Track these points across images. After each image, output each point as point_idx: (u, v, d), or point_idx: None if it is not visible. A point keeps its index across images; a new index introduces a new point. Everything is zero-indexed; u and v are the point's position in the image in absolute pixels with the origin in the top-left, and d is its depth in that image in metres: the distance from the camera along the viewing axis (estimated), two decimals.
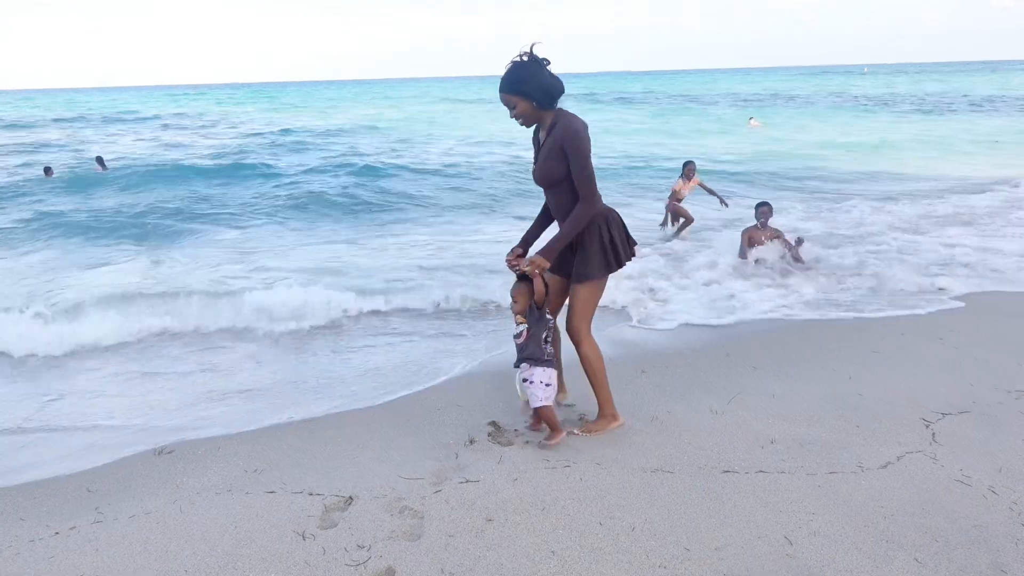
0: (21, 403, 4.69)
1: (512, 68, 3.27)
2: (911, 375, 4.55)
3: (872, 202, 11.72)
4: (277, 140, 27.01)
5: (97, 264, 8.96)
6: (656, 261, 7.87)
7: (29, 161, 21.39)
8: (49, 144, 27.63)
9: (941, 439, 3.66)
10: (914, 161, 17.46)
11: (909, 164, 16.91)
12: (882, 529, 2.91)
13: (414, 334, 5.85)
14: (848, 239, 8.92)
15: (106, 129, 36.37)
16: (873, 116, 32.87)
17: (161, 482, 3.53)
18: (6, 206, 13.49)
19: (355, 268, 8.26)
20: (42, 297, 7.18)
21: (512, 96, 3.29)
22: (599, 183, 3.44)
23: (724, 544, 2.84)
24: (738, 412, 4.06)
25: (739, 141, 23.09)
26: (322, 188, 14.55)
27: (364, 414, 4.24)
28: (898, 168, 16.31)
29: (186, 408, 4.50)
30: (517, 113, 3.33)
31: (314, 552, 2.86)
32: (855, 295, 6.51)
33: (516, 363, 3.61)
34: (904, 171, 15.87)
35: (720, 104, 45.88)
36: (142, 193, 14.78)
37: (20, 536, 3.09)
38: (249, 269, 8.41)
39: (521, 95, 3.27)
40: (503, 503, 3.16)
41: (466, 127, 32.05)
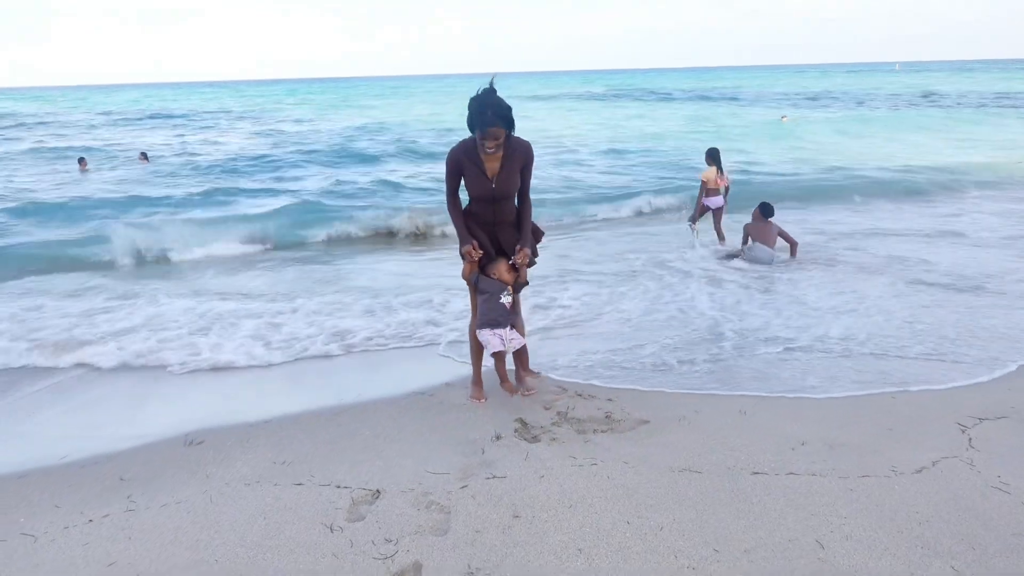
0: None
1: (501, 103, 3.62)
2: (945, 378, 4.45)
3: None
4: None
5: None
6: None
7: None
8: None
9: (978, 444, 3.58)
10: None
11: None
12: (917, 535, 2.85)
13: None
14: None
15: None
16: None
17: (191, 472, 3.57)
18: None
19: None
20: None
21: (502, 129, 3.65)
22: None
23: (754, 546, 2.80)
24: (767, 413, 4.00)
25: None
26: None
27: (390, 408, 4.25)
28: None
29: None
30: (499, 143, 3.69)
31: (342, 545, 2.87)
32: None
33: (504, 324, 4.07)
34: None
35: (793, 102, 41.54)
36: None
37: (55, 522, 3.15)
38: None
39: (508, 126, 3.68)
40: (530, 500, 3.15)
41: (588, 126, 29.05)
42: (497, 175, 3.81)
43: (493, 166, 3.80)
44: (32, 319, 6.28)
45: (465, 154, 3.80)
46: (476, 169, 3.81)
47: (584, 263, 8.09)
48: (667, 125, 28.42)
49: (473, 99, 3.65)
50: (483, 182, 3.82)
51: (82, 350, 5.43)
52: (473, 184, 3.85)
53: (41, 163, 19.86)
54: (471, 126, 3.69)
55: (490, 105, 3.59)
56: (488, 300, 4.06)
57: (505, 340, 4.13)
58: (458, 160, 3.82)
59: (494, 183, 3.82)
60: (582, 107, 43.61)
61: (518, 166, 3.83)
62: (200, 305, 6.58)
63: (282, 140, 25.28)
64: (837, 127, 26.22)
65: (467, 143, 3.82)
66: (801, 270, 7.41)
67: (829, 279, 7.06)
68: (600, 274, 7.51)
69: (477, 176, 3.82)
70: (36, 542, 3.00)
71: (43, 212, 12.01)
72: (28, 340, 5.66)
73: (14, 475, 3.64)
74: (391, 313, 6.22)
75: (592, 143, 22.23)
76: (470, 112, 3.65)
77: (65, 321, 6.17)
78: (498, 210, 3.93)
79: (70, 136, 29.25)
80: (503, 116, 3.62)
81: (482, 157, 3.78)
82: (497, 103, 3.62)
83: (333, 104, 52.26)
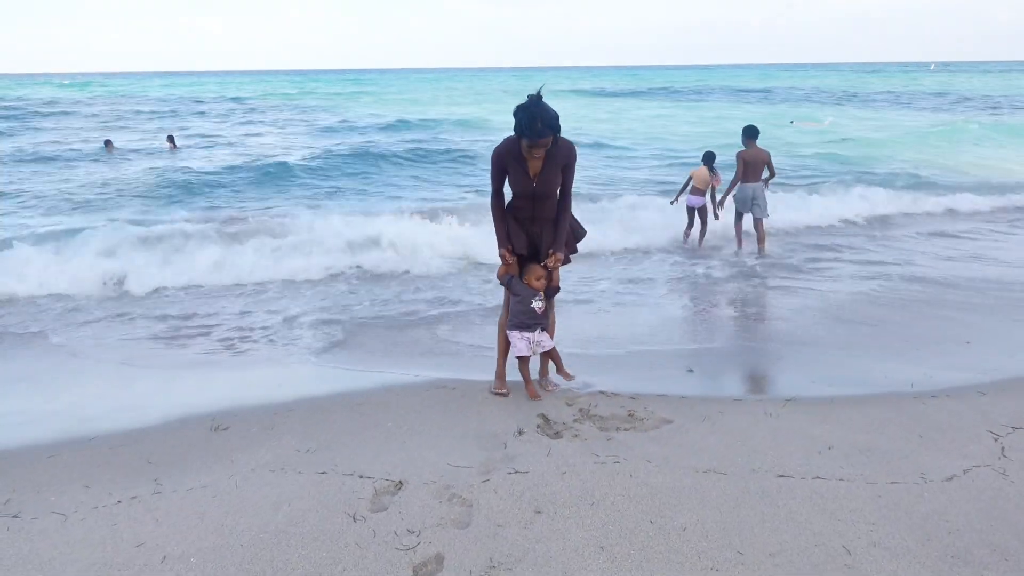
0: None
1: (549, 112, 3.70)
2: (977, 386, 4.36)
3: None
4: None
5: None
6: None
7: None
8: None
9: (1011, 454, 3.50)
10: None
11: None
12: (947, 544, 2.80)
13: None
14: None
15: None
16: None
17: (217, 457, 3.61)
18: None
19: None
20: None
21: (551, 137, 3.74)
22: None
23: (779, 550, 2.77)
24: (793, 416, 3.95)
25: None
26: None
27: (413, 400, 4.27)
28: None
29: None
30: (546, 149, 3.80)
31: (364, 534, 2.89)
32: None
33: (534, 327, 4.18)
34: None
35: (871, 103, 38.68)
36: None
37: (85, 502, 3.20)
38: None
39: (556, 133, 3.76)
40: (552, 496, 3.14)
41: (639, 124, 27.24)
42: (539, 175, 3.91)
43: (536, 165, 3.90)
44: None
45: (509, 154, 3.90)
46: (520, 168, 3.90)
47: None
48: (805, 138, 22.30)
49: (522, 108, 3.72)
50: (526, 181, 3.93)
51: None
52: (516, 183, 3.95)
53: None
54: (519, 133, 3.76)
55: (540, 116, 3.67)
56: (520, 302, 4.15)
57: (532, 343, 4.21)
58: (503, 159, 3.92)
59: (535, 182, 3.92)
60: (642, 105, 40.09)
61: (560, 166, 3.92)
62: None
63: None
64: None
65: (511, 143, 3.89)
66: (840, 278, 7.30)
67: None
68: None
69: (521, 175, 3.92)
70: (66, 520, 3.06)
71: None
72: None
73: (44, 453, 3.71)
74: None
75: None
76: (519, 120, 3.73)
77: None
78: (538, 207, 4.02)
79: (195, 127, 26.66)
80: (552, 125, 3.71)
81: (525, 156, 3.87)
82: (546, 113, 3.69)
83: (390, 98, 47.83)
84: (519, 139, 3.79)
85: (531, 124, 3.67)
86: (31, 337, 5.75)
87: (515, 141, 3.85)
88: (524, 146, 3.78)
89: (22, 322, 6.11)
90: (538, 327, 4.21)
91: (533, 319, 4.18)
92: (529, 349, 4.21)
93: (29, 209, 11.86)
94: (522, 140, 3.76)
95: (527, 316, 4.16)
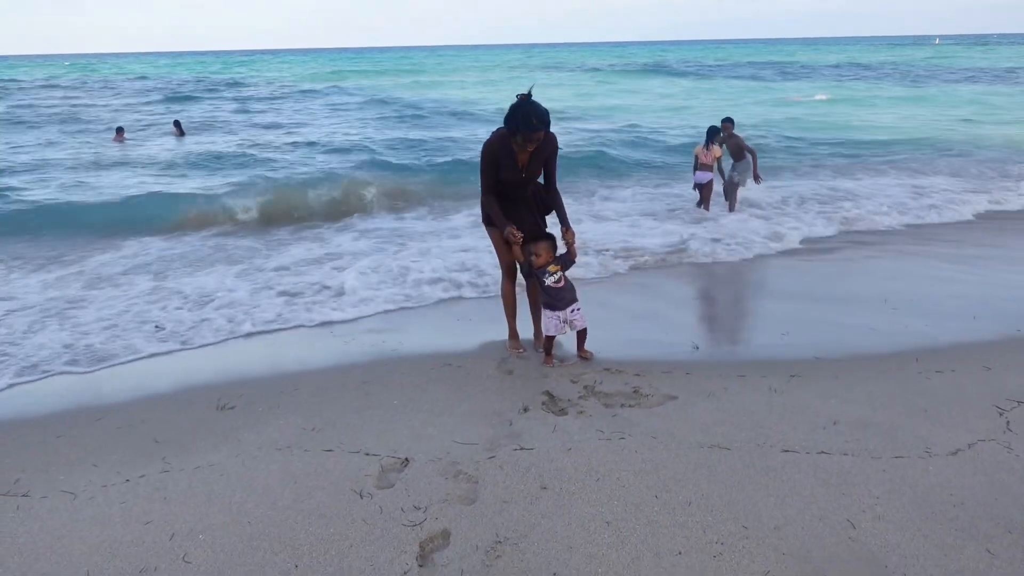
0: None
1: (542, 109, 4.03)
2: (984, 360, 4.35)
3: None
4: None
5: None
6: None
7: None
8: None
9: (1016, 428, 3.50)
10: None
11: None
12: (951, 517, 2.81)
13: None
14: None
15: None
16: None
17: (223, 436, 3.63)
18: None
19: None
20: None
21: (544, 132, 4.07)
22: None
23: (783, 523, 2.78)
24: (798, 391, 3.95)
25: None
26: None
27: (418, 378, 4.28)
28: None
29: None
30: (537, 144, 4.12)
31: (371, 511, 2.91)
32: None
33: (562, 306, 4.34)
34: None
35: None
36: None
37: (94, 481, 3.23)
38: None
39: (548, 128, 4.10)
40: (558, 472, 3.15)
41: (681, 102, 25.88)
42: (527, 165, 4.28)
43: (523, 156, 4.24)
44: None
45: (501, 148, 4.21)
46: (510, 160, 4.24)
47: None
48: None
49: (517, 106, 4.03)
50: (515, 171, 4.28)
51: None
52: (507, 173, 4.27)
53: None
54: (512, 127, 4.04)
55: (534, 113, 4.00)
56: (540, 283, 4.38)
57: (563, 321, 4.38)
58: (494, 155, 4.23)
59: (524, 172, 4.29)
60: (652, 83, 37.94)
61: (544, 156, 4.31)
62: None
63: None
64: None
65: (501, 137, 4.18)
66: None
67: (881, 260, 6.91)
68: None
69: (510, 166, 4.25)
70: (76, 499, 3.09)
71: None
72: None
73: (52, 433, 3.73)
74: None
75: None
76: (515, 116, 4.02)
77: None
78: (521, 191, 4.41)
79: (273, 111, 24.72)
80: (546, 121, 4.05)
81: (514, 149, 4.19)
82: (540, 111, 4.02)
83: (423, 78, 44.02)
84: (512, 134, 4.08)
85: (527, 121, 3.99)
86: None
87: (505, 135, 4.15)
88: (519, 141, 4.09)
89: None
90: (568, 306, 4.37)
91: (556, 296, 4.35)
92: (557, 328, 4.38)
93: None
94: (517, 136, 4.06)
95: (549, 295, 4.36)
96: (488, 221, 4.52)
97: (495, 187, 4.32)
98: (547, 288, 4.34)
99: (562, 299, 4.35)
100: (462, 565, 2.59)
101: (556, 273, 4.33)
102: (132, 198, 10.61)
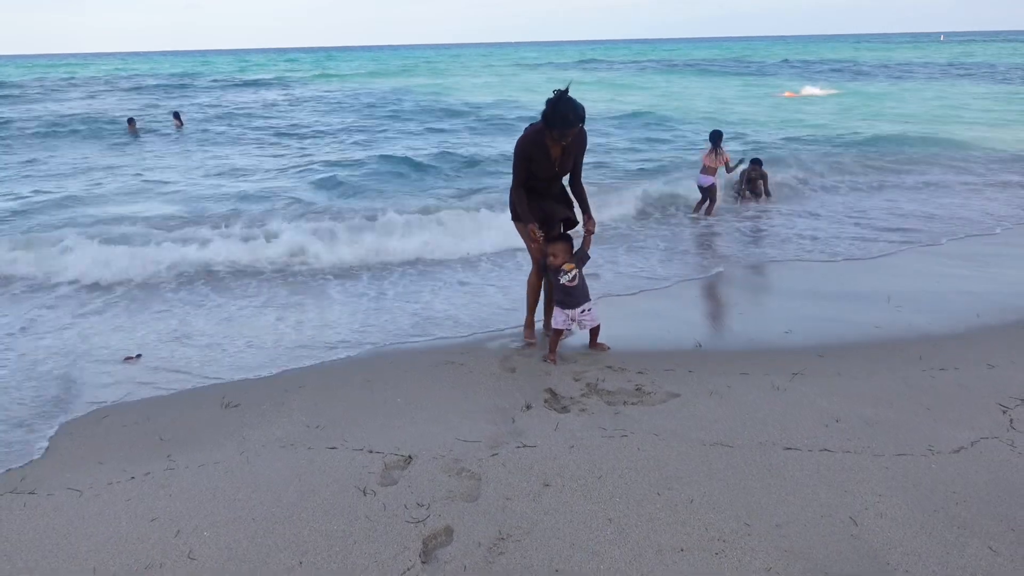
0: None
1: (578, 105, 4.11)
2: (988, 358, 4.34)
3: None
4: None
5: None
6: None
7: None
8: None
9: (1020, 426, 3.49)
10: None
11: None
12: (953, 515, 2.81)
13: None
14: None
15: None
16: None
17: (228, 434, 3.65)
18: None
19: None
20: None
21: (582, 125, 4.19)
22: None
23: (785, 521, 2.79)
24: (801, 389, 3.95)
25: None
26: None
27: (421, 376, 4.29)
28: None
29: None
30: (573, 138, 4.25)
31: (375, 508, 2.92)
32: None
33: (573, 304, 4.45)
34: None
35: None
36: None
37: (100, 478, 3.25)
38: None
39: (583, 122, 4.17)
40: (560, 469, 3.16)
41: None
42: (559, 159, 4.41)
43: (556, 151, 4.36)
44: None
45: (534, 144, 4.33)
46: (542, 155, 4.36)
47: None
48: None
49: (554, 101, 4.10)
50: (548, 165, 4.41)
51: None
52: (539, 167, 4.40)
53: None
54: (549, 122, 4.13)
55: (571, 109, 4.09)
56: (554, 282, 4.50)
57: (572, 319, 4.49)
58: (527, 150, 4.34)
59: (556, 166, 4.43)
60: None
61: (575, 151, 4.42)
62: None
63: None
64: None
65: (536, 133, 4.29)
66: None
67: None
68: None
69: (543, 160, 4.38)
70: (81, 496, 3.11)
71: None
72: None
73: (60, 431, 3.75)
74: None
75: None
76: (552, 112, 4.10)
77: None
78: (553, 186, 4.60)
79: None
80: (581, 117, 4.13)
81: (547, 144, 4.30)
82: (576, 107, 4.10)
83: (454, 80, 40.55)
84: (548, 129, 4.16)
85: (564, 117, 4.08)
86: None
87: (540, 131, 4.25)
88: (554, 135, 4.18)
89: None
90: (579, 305, 4.47)
91: (568, 295, 4.46)
92: (565, 324, 4.49)
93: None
94: (552, 130, 4.15)
95: (562, 293, 4.47)
96: (516, 216, 4.60)
97: (526, 181, 4.44)
98: (561, 286, 4.44)
99: (574, 298, 4.45)
100: (465, 561, 2.60)
101: (571, 272, 4.42)
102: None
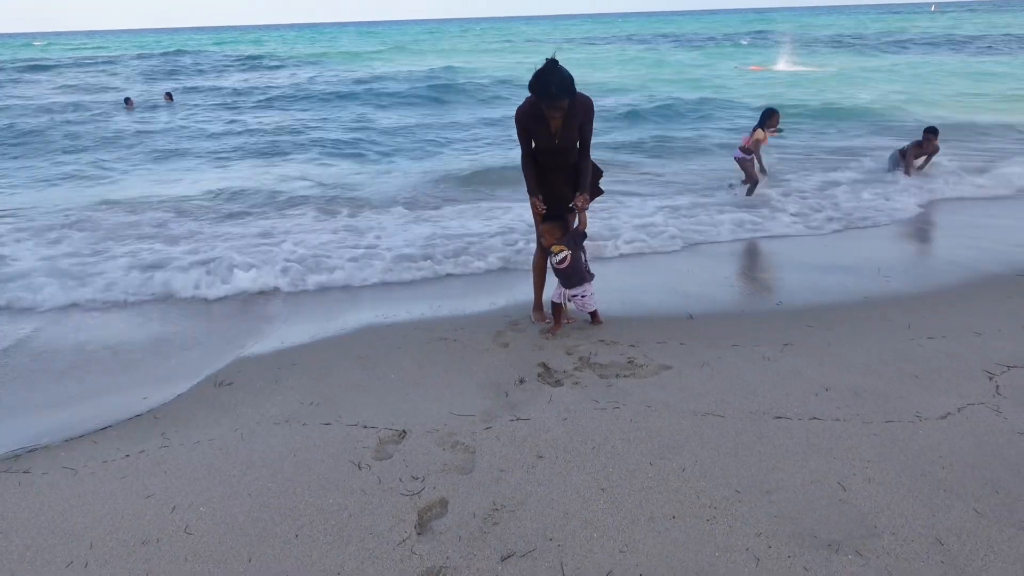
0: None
1: (563, 76, 3.88)
2: (975, 326, 4.39)
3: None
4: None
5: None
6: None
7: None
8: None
9: (1005, 392, 3.54)
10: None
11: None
12: (940, 479, 2.86)
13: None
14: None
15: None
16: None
17: (222, 411, 3.66)
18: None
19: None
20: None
21: (566, 99, 3.95)
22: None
23: (775, 488, 2.83)
24: (791, 360, 3.99)
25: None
26: None
27: (415, 353, 4.30)
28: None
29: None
30: (563, 111, 4.03)
31: (370, 481, 2.95)
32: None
33: (568, 286, 4.41)
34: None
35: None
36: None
37: (94, 457, 3.26)
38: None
39: (571, 94, 3.96)
40: (553, 441, 3.19)
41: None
42: (560, 131, 4.20)
43: (556, 123, 4.17)
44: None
45: (530, 115, 4.17)
46: (541, 127, 4.19)
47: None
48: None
49: (538, 73, 3.91)
50: (548, 138, 4.22)
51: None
52: (539, 139, 4.25)
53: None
54: (534, 92, 3.97)
55: (553, 81, 3.88)
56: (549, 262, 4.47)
57: (564, 295, 4.47)
58: (525, 122, 4.21)
59: (557, 138, 4.22)
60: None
61: (578, 122, 4.19)
62: None
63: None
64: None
65: (532, 104, 4.12)
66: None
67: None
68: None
69: (543, 133, 4.21)
70: (76, 475, 3.12)
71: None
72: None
73: (51, 412, 3.75)
74: None
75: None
76: (536, 85, 3.92)
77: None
78: (559, 159, 4.33)
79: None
80: (566, 88, 3.92)
81: (546, 115, 4.10)
82: (560, 78, 3.88)
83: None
84: (539, 100, 3.98)
85: (546, 89, 3.90)
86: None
87: (535, 102, 4.06)
88: (544, 106, 4.00)
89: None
90: (572, 288, 4.43)
91: (561, 276, 4.41)
92: (558, 296, 4.49)
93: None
94: (541, 103, 3.99)
95: (559, 276, 4.43)
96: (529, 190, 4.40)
97: (532, 154, 4.30)
98: (553, 268, 4.42)
99: (568, 279, 4.39)
100: (460, 532, 2.64)
101: (560, 254, 4.29)
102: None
